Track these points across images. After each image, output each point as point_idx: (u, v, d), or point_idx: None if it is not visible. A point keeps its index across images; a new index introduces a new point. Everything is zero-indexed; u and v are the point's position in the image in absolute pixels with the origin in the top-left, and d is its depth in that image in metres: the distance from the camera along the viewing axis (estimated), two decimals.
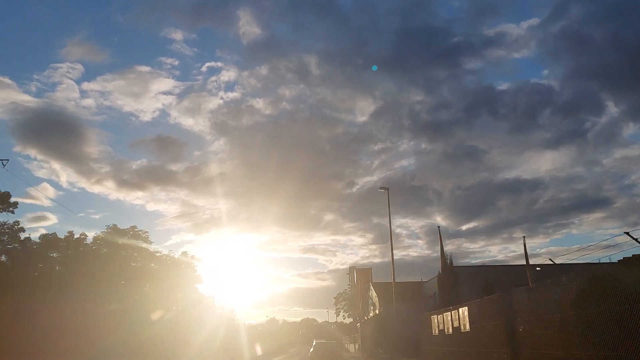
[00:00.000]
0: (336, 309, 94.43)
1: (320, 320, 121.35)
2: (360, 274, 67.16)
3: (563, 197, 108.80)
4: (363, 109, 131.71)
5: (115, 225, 41.45)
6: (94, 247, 39.51)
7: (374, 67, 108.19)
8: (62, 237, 37.61)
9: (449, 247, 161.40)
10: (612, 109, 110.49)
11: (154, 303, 41.25)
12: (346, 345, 71.85)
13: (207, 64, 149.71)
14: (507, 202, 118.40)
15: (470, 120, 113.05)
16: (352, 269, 72.25)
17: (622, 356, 11.70)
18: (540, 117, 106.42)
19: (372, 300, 58.64)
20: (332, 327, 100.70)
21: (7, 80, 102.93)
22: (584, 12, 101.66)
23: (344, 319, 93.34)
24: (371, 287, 59.89)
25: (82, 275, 32.35)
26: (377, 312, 53.37)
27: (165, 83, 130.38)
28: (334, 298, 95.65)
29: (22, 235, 33.31)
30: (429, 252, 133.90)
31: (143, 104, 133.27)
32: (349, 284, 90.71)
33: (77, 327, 21.98)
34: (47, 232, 38.09)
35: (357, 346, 53.08)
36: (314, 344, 35.45)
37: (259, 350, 55.66)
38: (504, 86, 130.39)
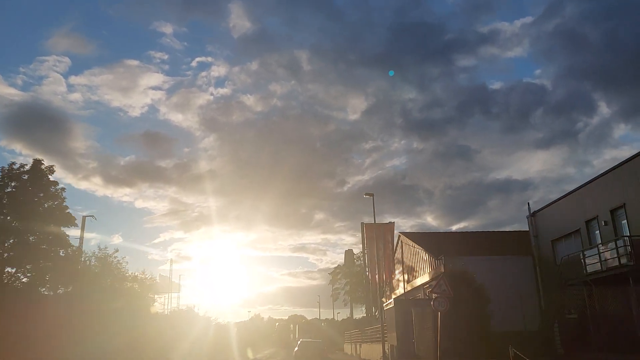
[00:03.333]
0: (333, 290, 70.16)
1: (309, 317, 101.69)
2: (374, 230, 39.52)
3: (553, 198, 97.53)
4: (355, 107, 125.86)
5: None
6: None
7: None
8: None
9: None
10: (604, 109, 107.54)
11: None
12: (353, 349, 44.78)
13: (197, 59, 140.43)
14: (497, 202, 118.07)
15: (462, 119, 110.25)
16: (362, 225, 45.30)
17: None
18: (533, 117, 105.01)
19: (406, 263, 32.54)
20: (323, 325, 75.14)
21: None
22: (578, 11, 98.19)
23: (344, 305, 70.34)
24: (408, 244, 33.64)
25: None
26: (426, 280, 27.38)
27: (155, 78, 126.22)
28: (329, 274, 72.60)
29: None
30: None
31: (131, 99, 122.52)
32: (343, 266, 67.20)
33: None
34: None
35: (387, 350, 26.76)
36: (298, 342, 34.30)
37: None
38: (496, 85, 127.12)
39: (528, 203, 25.56)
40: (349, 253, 70.17)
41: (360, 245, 63.55)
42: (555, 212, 23.18)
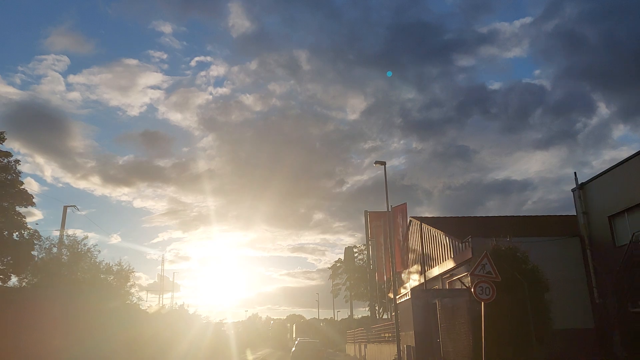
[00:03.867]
0: (333, 285, 67.77)
1: (308, 318, 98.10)
2: (381, 218, 34.69)
3: (552, 199, 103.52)
4: (354, 106, 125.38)
5: None
6: None
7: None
8: None
9: None
10: (603, 110, 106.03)
11: None
12: (357, 350, 40.41)
13: (197, 59, 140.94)
14: (496, 203, 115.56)
15: (461, 120, 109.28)
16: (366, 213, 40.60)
17: None
18: (532, 117, 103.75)
19: (420, 252, 28.18)
20: (322, 325, 70.94)
21: None
22: (577, 12, 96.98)
23: (345, 301, 66.78)
24: (423, 228, 29.33)
25: None
26: (448, 267, 23.05)
27: (154, 77, 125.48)
28: (329, 268, 70.01)
29: None
30: None
31: (130, 98, 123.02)
32: (340, 264, 63.43)
33: None
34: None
35: (403, 351, 22.29)
36: (296, 343, 34.56)
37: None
38: (495, 85, 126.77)
39: (574, 173, 21.15)
40: (348, 250, 66.93)
41: (360, 245, 60.57)
42: (612, 182, 18.81)
